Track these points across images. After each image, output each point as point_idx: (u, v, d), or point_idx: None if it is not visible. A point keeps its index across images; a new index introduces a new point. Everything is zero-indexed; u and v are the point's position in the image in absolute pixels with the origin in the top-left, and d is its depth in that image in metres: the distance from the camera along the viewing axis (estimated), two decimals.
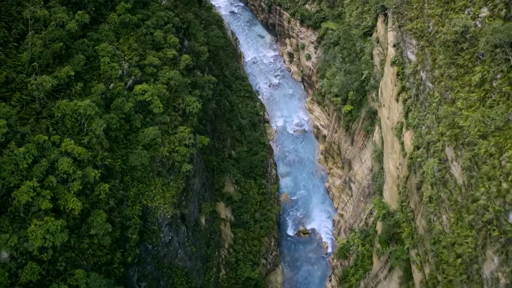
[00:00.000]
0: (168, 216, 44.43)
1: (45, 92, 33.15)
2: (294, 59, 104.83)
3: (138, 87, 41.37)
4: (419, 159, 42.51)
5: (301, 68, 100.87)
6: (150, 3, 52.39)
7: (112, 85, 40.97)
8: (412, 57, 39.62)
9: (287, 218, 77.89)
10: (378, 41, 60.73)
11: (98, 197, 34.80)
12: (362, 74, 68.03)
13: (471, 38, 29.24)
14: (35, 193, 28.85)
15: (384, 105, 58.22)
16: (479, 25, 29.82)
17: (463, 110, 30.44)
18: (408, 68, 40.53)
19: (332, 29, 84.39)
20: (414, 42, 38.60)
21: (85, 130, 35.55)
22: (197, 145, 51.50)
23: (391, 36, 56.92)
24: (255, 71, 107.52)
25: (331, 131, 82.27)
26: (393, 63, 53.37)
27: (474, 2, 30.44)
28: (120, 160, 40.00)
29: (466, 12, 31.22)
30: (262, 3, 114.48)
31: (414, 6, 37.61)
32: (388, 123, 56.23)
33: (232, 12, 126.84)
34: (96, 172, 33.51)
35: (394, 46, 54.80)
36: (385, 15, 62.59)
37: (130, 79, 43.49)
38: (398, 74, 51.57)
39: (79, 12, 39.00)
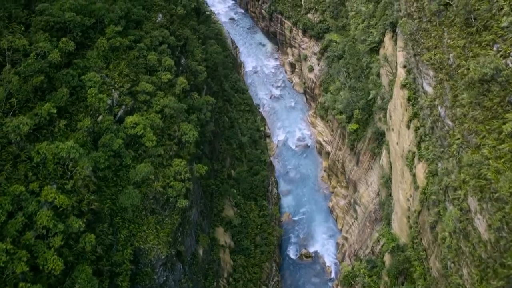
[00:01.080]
0: (163, 257, 41.08)
1: (23, 134, 29.72)
2: (296, 69, 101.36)
3: (129, 120, 37.92)
4: (433, 197, 39.19)
5: (303, 80, 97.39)
6: (143, 22, 48.87)
7: (100, 117, 37.54)
8: (429, 89, 36.22)
9: (289, 240, 74.57)
10: (386, 59, 57.23)
11: (84, 248, 31.40)
12: (369, 93, 64.63)
13: (502, 81, 25.85)
14: (8, 257, 25.46)
15: (393, 129, 54.83)
16: (510, 65, 26.44)
17: (490, 160, 27.13)
18: (424, 100, 37.10)
19: (336, 42, 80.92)
20: (431, 73, 35.19)
21: (69, 173, 32.13)
22: (194, 175, 48.18)
23: (400, 57, 53.46)
24: (256, 82, 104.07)
25: (335, 148, 78.88)
26: (403, 86, 49.98)
27: (505, 38, 27.02)
28: (109, 200, 36.60)
29: (495, 48, 27.81)
30: (262, 10, 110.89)
31: (432, 35, 34.16)
32: (398, 149, 52.85)
33: (232, 19, 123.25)
34: (81, 223, 30.10)
35: (405, 67, 51.39)
36: (394, 31, 59.24)
37: (121, 109, 40.04)
38: (409, 99, 48.24)
39: (63, 39, 35.43)
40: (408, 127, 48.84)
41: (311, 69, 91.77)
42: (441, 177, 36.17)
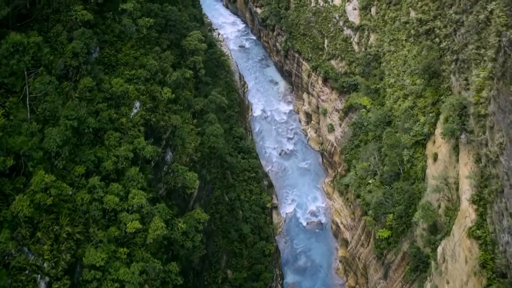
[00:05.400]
0: None
1: None
2: (313, 121, 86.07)
3: None
4: None
5: (320, 139, 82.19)
6: (105, 129, 34.09)
7: None
8: None
9: None
10: (445, 182, 41.87)
11: None
12: (410, 198, 49.76)
13: None
14: None
15: (447, 282, 40.03)
16: None
17: None
18: None
19: (365, 108, 65.52)
20: None
21: None
22: None
23: (467, 185, 38.54)
24: (264, 130, 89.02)
25: (356, 241, 64.05)
26: (473, 237, 35.21)
27: None
28: None
29: None
30: (277, 44, 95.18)
31: None
32: None
33: (242, 47, 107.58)
34: None
35: (474, 203, 36.64)
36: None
37: None
38: (483, 265, 33.42)
39: None
40: None
41: (331, 129, 76.50)
42: None
